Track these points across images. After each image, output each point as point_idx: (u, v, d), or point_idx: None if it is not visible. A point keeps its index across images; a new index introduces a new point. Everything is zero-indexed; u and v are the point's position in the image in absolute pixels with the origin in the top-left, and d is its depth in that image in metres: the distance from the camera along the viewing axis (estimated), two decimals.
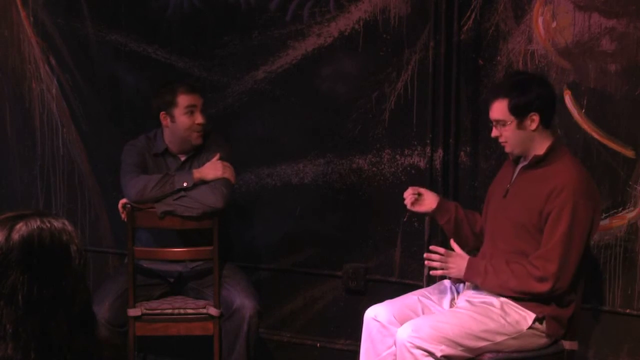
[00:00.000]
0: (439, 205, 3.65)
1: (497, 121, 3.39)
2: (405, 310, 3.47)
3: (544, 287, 3.26)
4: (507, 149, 3.44)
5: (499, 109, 3.36)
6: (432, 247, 3.48)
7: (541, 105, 3.34)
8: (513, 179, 3.47)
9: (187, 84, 4.03)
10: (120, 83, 4.74)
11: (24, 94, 4.94)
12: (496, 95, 3.39)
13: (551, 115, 3.41)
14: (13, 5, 4.89)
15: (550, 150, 3.37)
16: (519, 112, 3.33)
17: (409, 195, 3.66)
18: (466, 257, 3.42)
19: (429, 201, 3.67)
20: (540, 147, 3.38)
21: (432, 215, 3.72)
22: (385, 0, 4.09)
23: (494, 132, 3.43)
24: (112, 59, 4.72)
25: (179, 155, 4.08)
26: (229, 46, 4.45)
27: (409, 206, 3.68)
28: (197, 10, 4.49)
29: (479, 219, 3.67)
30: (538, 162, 3.38)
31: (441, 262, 3.41)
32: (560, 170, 3.33)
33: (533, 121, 3.33)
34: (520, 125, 3.35)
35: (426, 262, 3.47)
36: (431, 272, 3.49)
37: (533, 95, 3.33)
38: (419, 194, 3.67)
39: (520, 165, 3.48)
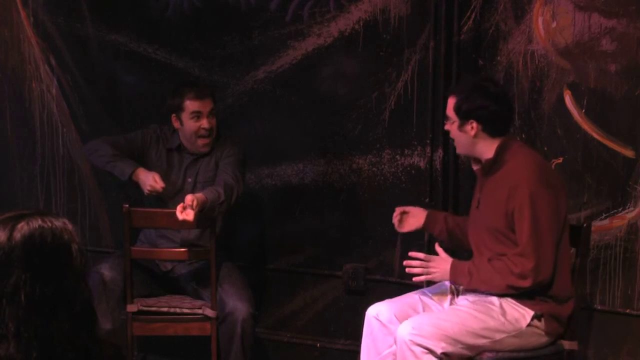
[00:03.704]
0: (428, 220, 3.70)
1: (447, 117, 3.47)
2: (406, 308, 3.47)
3: (525, 283, 3.28)
4: (457, 149, 3.55)
5: (449, 105, 3.45)
6: (411, 253, 3.48)
7: (481, 117, 3.37)
8: (482, 188, 3.49)
9: (195, 90, 4.04)
10: (120, 83, 4.74)
11: (24, 94, 4.94)
12: (451, 91, 3.52)
13: (497, 128, 3.40)
14: (13, 5, 4.89)
15: (499, 152, 3.39)
16: (460, 114, 3.40)
17: (394, 219, 3.71)
18: (449, 259, 3.42)
19: (417, 218, 3.71)
20: (489, 150, 3.41)
21: (424, 230, 3.77)
22: (385, 0, 4.09)
23: (446, 126, 3.50)
24: (112, 59, 4.72)
25: (192, 153, 4.14)
26: (229, 46, 4.45)
27: (397, 228, 3.72)
28: (197, 10, 4.49)
29: None
30: (492, 165, 3.41)
31: (422, 267, 3.42)
32: (513, 168, 3.36)
33: (472, 128, 3.38)
34: (460, 128, 3.41)
35: (407, 269, 3.46)
36: (414, 279, 3.48)
37: (475, 105, 3.37)
38: (404, 213, 3.70)
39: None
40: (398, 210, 3.73)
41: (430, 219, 3.70)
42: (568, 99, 3.80)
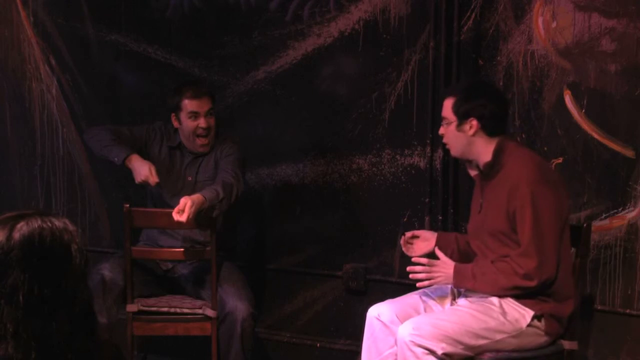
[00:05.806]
0: (438, 243, 3.64)
1: (443, 118, 3.46)
2: (407, 309, 3.47)
3: (531, 283, 3.27)
4: (451, 152, 3.52)
5: (446, 107, 3.44)
6: (414, 259, 3.47)
7: (482, 114, 3.37)
8: (483, 193, 3.49)
9: (193, 89, 4.06)
10: (120, 83, 4.74)
11: (24, 94, 4.95)
12: (447, 94, 3.51)
13: (495, 127, 3.40)
14: (13, 5, 4.90)
15: (496, 154, 3.39)
16: (459, 114, 3.40)
17: (402, 243, 3.69)
18: (452, 263, 3.41)
19: (427, 242, 3.67)
20: (485, 152, 3.40)
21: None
22: (385, 0, 4.09)
23: (440, 130, 3.49)
24: (112, 59, 4.72)
25: (192, 151, 4.15)
26: (229, 46, 4.45)
27: (406, 252, 3.68)
28: (197, 10, 4.49)
29: None
30: (491, 168, 3.41)
31: (426, 272, 3.41)
32: (512, 169, 3.35)
33: (472, 127, 3.38)
34: (459, 127, 3.41)
35: (410, 275, 3.45)
36: (417, 284, 3.45)
37: (476, 103, 3.39)
38: (414, 237, 3.68)
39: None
40: (407, 234, 3.70)
41: (442, 241, 3.65)
42: (568, 99, 3.80)
